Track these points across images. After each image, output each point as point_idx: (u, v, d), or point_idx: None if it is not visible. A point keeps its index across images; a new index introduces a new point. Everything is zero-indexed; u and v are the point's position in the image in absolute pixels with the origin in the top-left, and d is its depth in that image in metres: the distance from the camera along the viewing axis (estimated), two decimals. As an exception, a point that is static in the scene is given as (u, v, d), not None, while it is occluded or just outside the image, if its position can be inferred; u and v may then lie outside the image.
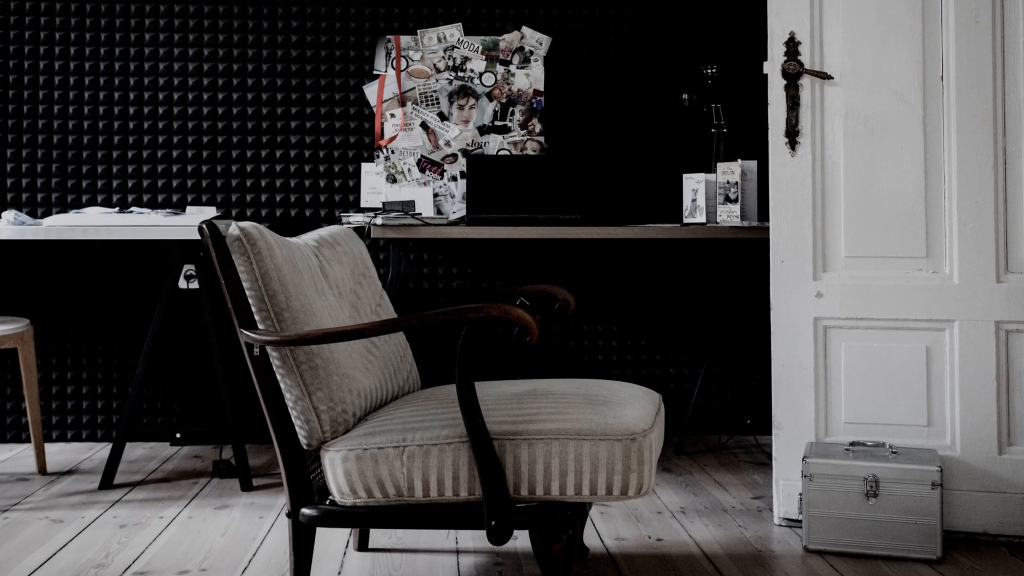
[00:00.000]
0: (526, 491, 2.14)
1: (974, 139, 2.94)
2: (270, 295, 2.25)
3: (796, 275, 3.05)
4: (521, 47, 4.35)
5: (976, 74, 2.94)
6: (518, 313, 2.05)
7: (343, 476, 2.20)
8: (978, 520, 2.91)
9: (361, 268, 2.81)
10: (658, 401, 2.48)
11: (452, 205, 4.31)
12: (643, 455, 2.12)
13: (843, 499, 2.81)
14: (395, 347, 2.72)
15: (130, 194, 4.29)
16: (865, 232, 3.03)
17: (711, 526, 3.08)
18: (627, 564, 2.75)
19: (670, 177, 4.33)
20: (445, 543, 2.94)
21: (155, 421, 4.30)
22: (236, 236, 2.25)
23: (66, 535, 3.02)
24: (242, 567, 2.74)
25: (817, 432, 3.03)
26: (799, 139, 3.04)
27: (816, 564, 2.74)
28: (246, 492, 3.49)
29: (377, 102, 4.33)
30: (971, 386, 2.93)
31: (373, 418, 2.32)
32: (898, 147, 3.00)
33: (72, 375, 4.28)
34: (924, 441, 2.96)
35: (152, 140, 4.29)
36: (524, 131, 4.33)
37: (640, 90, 4.38)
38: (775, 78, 3.06)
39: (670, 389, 4.41)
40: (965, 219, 2.94)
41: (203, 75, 4.30)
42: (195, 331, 4.29)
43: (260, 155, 4.32)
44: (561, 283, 4.37)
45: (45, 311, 4.27)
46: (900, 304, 2.98)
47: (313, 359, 2.25)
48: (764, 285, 4.22)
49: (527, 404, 2.26)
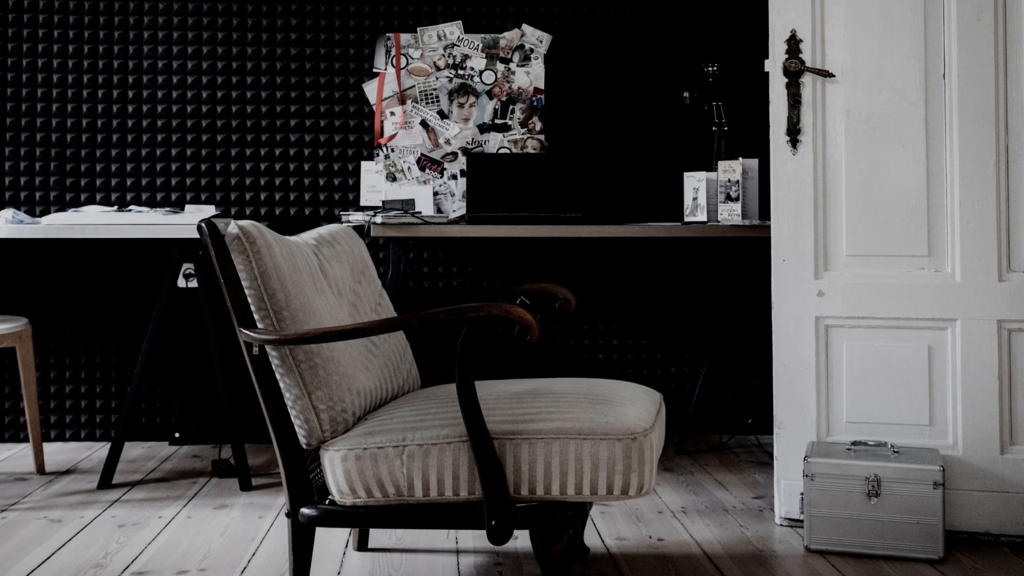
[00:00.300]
0: (526, 491, 2.14)
1: (976, 137, 2.94)
2: (269, 294, 2.25)
3: (797, 274, 3.05)
4: (521, 45, 4.35)
5: (978, 72, 2.94)
6: (518, 312, 2.05)
7: (343, 476, 2.21)
8: (980, 520, 2.91)
9: (361, 267, 2.81)
10: (659, 400, 2.48)
11: (452, 204, 4.31)
12: (644, 455, 2.13)
13: (845, 499, 2.82)
14: (395, 346, 2.72)
15: (129, 193, 4.29)
16: (867, 231, 3.03)
17: (712, 526, 3.08)
18: (628, 564, 2.75)
19: (671, 175, 4.33)
20: (445, 543, 2.94)
21: (154, 420, 4.31)
22: (235, 235, 2.25)
23: (64, 535, 3.02)
24: (241, 567, 2.74)
25: (819, 431, 3.04)
26: (800, 137, 3.04)
27: (818, 564, 2.75)
28: (245, 492, 3.49)
29: (377, 100, 4.33)
30: (973, 385, 2.93)
31: (373, 417, 2.32)
32: (900, 145, 3.00)
33: (71, 374, 4.29)
34: (926, 440, 2.97)
35: (151, 138, 4.30)
36: (524, 129, 4.33)
37: (641, 88, 4.38)
38: (776, 76, 3.06)
39: (671, 388, 4.41)
40: (967, 218, 2.94)
41: (202, 73, 4.30)
42: (194, 330, 4.29)
43: (259, 153, 4.32)
44: (561, 282, 4.37)
45: (43, 310, 4.27)
46: (902, 303, 2.98)
47: (312, 358, 2.25)
48: (765, 284, 4.22)
49: (527, 403, 2.26)
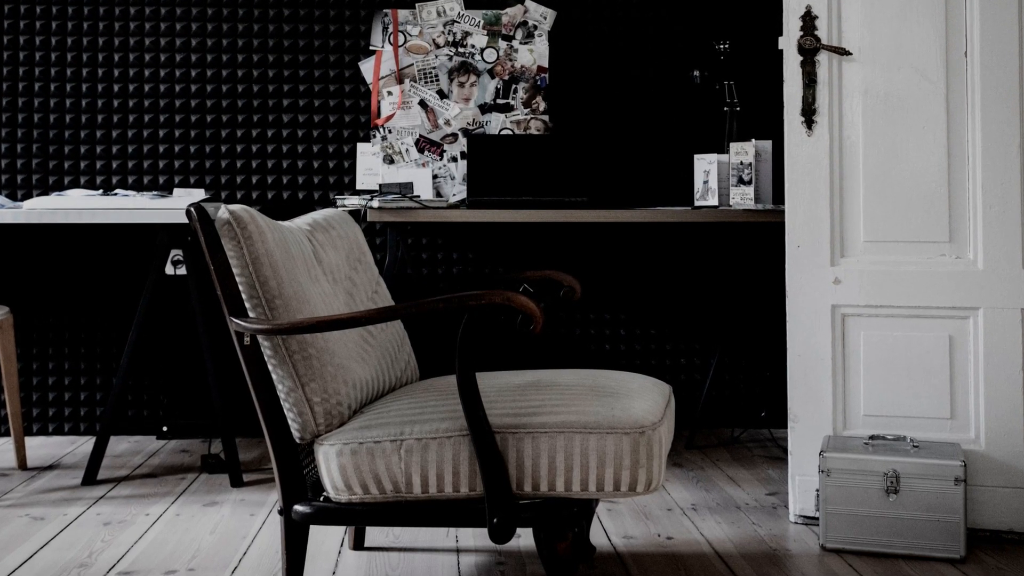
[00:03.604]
0: (530, 487, 2.14)
1: (1000, 118, 2.93)
2: (261, 281, 2.24)
3: (813, 260, 3.04)
4: (525, 21, 4.33)
5: (1002, 49, 2.93)
6: (521, 300, 2.05)
7: (338, 471, 2.20)
8: (1004, 518, 2.91)
9: (357, 253, 2.80)
10: (668, 393, 2.48)
11: (452, 187, 4.30)
12: (652, 449, 2.12)
13: (862, 495, 2.81)
14: (392, 336, 2.72)
15: (114, 176, 4.28)
16: (885, 215, 3.02)
17: (724, 524, 3.08)
18: (636, 563, 2.75)
19: (681, 158, 4.32)
20: (445, 541, 2.94)
21: (141, 414, 4.31)
22: (225, 220, 2.24)
23: (47, 533, 3.03)
24: (232, 567, 2.74)
25: (835, 425, 3.03)
26: (816, 118, 3.03)
27: (834, 563, 2.74)
28: (236, 488, 3.49)
29: (373, 79, 4.32)
30: (997, 377, 2.92)
31: (369, 410, 2.32)
32: (920, 126, 2.99)
33: (54, 365, 4.29)
34: (947, 435, 2.96)
35: (138, 119, 4.28)
36: (528, 110, 4.32)
37: (649, 66, 4.37)
38: (791, 54, 3.05)
39: (681, 380, 4.41)
40: (990, 202, 2.93)
41: (191, 51, 4.29)
42: (182, 319, 4.29)
43: (251, 135, 4.31)
44: (566, 269, 4.37)
45: (25, 298, 4.27)
46: (922, 291, 2.97)
47: (306, 348, 2.25)
48: (779, 271, 4.21)
49: (531, 396, 2.26)
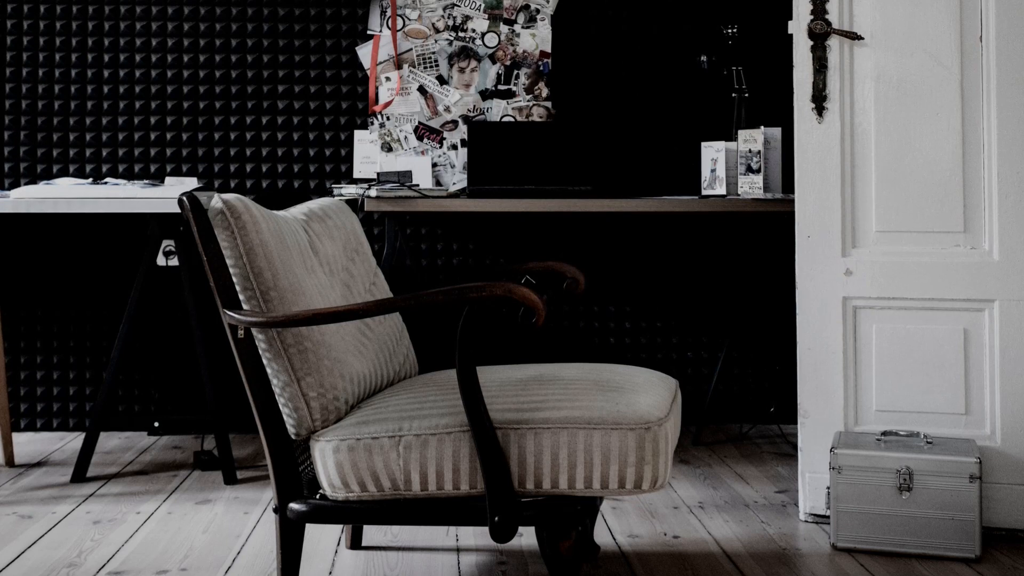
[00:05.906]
0: (532, 484, 2.14)
1: (1016, 104, 2.92)
2: (255, 273, 2.24)
3: (823, 251, 3.04)
4: (527, 5, 4.32)
5: (1018, 34, 2.92)
6: (523, 292, 2.05)
7: (334, 468, 2.20)
8: (1020, 516, 2.91)
9: (354, 244, 2.80)
10: (674, 387, 2.48)
11: (452, 176, 4.30)
12: (658, 445, 2.12)
13: (874, 493, 2.81)
14: (391, 329, 2.72)
15: (104, 164, 4.28)
16: (898, 205, 3.01)
17: (732, 522, 3.08)
18: (641, 563, 2.75)
19: (688, 146, 4.32)
20: (444, 540, 2.94)
21: (131, 409, 4.31)
22: (219, 209, 2.24)
23: (35, 532, 3.03)
24: (225, 566, 2.74)
25: (846, 421, 3.03)
26: (827, 104, 3.03)
27: (845, 563, 2.75)
28: (230, 485, 3.50)
29: (371, 65, 4.31)
30: (1013, 371, 2.92)
31: (367, 405, 2.32)
32: (933, 113, 2.98)
33: (42, 359, 4.29)
34: (962, 430, 2.96)
35: (128, 106, 4.28)
36: (530, 96, 4.32)
37: (655, 52, 4.36)
38: (801, 39, 3.04)
39: (687, 374, 4.41)
40: (1006, 191, 2.93)
41: (183, 35, 4.28)
42: (175, 312, 4.29)
43: (245, 122, 4.31)
44: (570, 260, 4.36)
45: (12, 290, 4.27)
46: (935, 282, 2.97)
47: (302, 342, 2.25)
48: (789, 262, 4.20)
49: (533, 390, 2.25)
